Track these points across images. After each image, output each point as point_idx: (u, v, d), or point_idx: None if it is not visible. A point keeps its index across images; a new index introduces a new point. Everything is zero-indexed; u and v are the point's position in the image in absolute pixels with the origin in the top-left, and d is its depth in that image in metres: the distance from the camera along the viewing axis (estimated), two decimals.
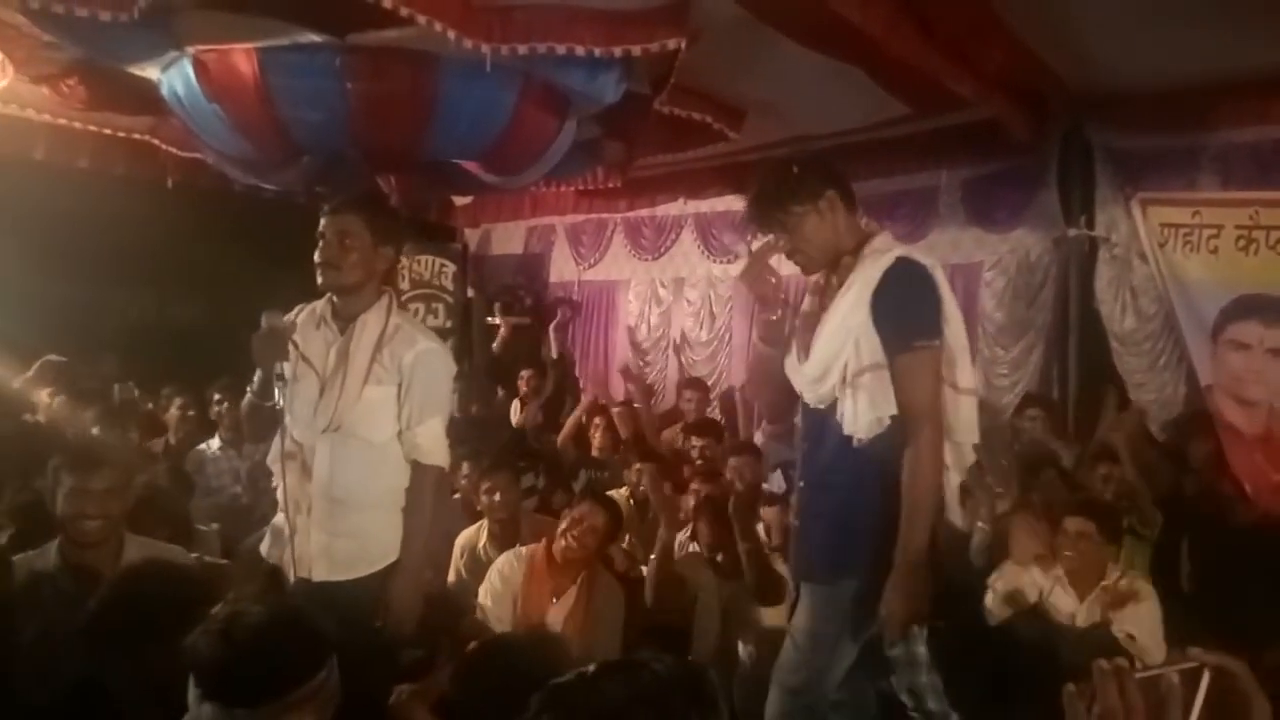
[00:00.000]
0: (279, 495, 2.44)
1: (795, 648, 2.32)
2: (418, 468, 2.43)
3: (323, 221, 2.42)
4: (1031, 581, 3.36)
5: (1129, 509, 3.82)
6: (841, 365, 2.21)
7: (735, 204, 6.52)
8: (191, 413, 4.93)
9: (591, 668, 1.09)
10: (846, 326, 2.20)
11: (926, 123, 5.11)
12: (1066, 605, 3.28)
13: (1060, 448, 4.51)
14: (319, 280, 2.40)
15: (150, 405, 5.30)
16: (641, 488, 4.28)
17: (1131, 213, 4.75)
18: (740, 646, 3.31)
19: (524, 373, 6.40)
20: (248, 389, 2.43)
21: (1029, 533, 3.40)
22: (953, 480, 2.29)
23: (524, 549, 3.31)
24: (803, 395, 2.35)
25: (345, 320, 2.43)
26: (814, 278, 2.39)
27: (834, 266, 2.31)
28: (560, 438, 5.42)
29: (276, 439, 2.44)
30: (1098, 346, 5.07)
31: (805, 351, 2.30)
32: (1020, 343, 5.31)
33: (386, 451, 2.41)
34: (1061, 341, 5.22)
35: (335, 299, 2.45)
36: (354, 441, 2.36)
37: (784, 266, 2.39)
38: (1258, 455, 4.21)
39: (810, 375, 2.30)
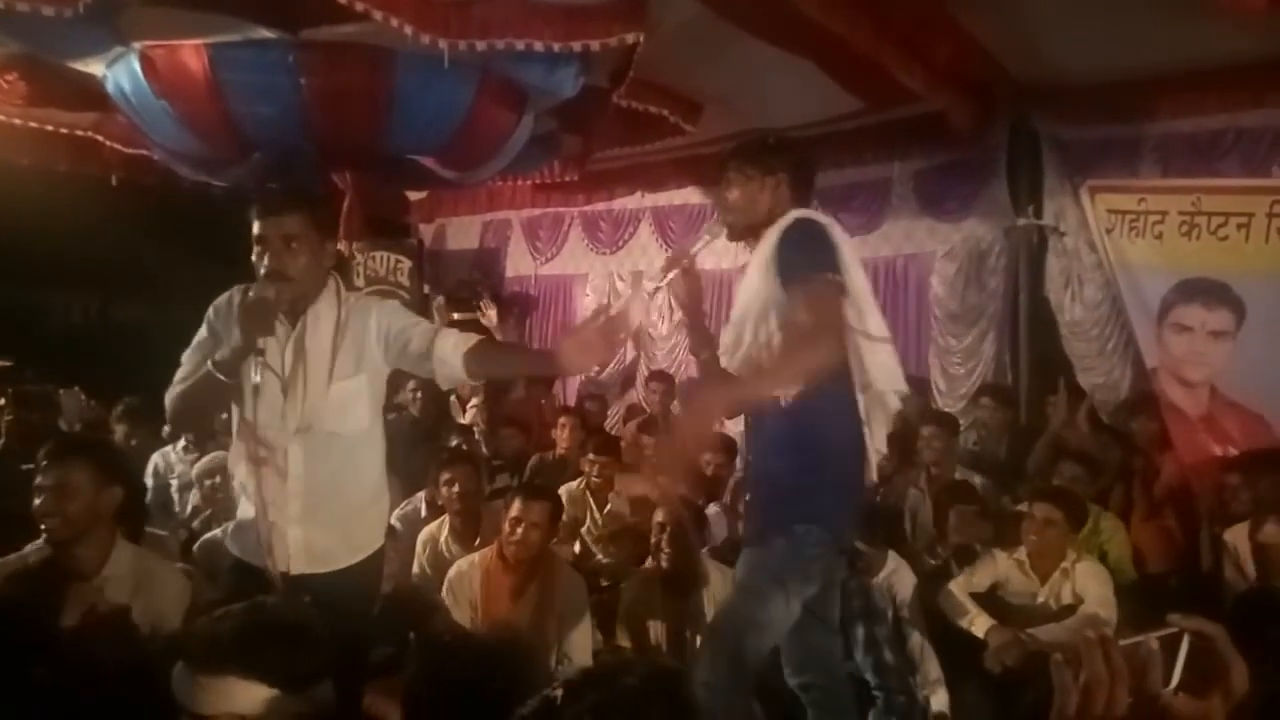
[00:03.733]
0: (247, 495, 2.37)
1: (730, 598, 2.42)
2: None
3: (258, 225, 2.22)
4: (991, 568, 3.46)
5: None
6: (753, 328, 2.31)
7: (693, 197, 6.57)
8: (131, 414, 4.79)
9: (557, 690, 1.02)
10: (754, 288, 2.32)
11: (878, 115, 5.19)
12: (1028, 587, 3.39)
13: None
14: (268, 292, 2.19)
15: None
16: (596, 478, 4.32)
17: (1079, 201, 4.88)
18: None
19: None
20: (206, 366, 2.27)
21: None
22: (877, 433, 2.36)
23: (476, 555, 3.28)
24: (727, 366, 2.42)
25: (296, 314, 2.28)
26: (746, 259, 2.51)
27: (755, 240, 2.41)
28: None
29: (236, 439, 2.37)
30: (1048, 333, 5.20)
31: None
32: (973, 330, 5.43)
33: (360, 442, 2.34)
34: (1013, 329, 5.35)
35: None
36: (327, 437, 2.28)
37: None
38: (1200, 435, 4.36)
39: (728, 341, 2.39)
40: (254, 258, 2.23)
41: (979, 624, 3.26)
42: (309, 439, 2.28)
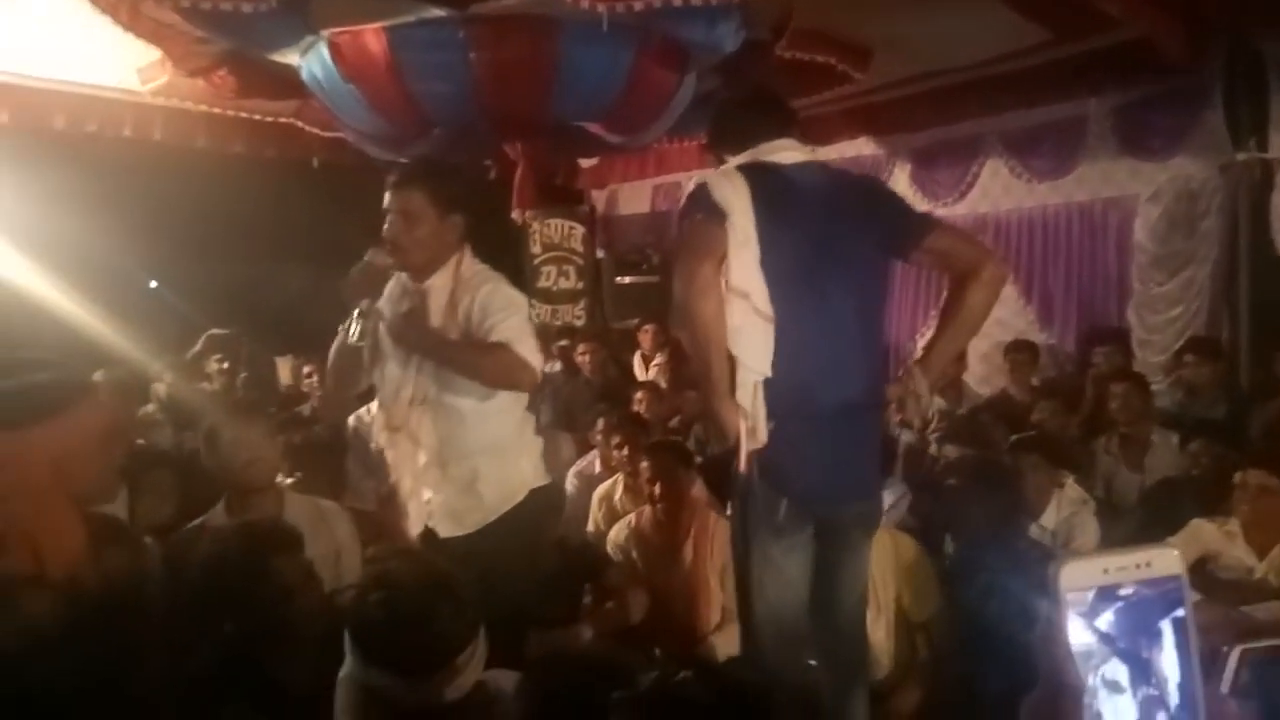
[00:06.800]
0: (389, 464, 2.48)
1: None
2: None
3: (386, 197, 2.33)
4: (1196, 539, 3.17)
5: None
6: None
7: (866, 148, 6.33)
8: (317, 378, 5.10)
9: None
10: None
11: (1070, 47, 4.77)
12: (1243, 561, 3.07)
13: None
14: (376, 259, 2.31)
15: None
16: None
17: None
18: None
19: (647, 327, 6.41)
20: (340, 329, 2.39)
21: None
22: (744, 401, 2.08)
23: (631, 517, 3.33)
24: None
25: (419, 285, 2.39)
26: None
27: None
28: None
29: (379, 410, 2.48)
30: (1273, 280, 4.65)
31: None
32: (1177, 278, 4.96)
33: (477, 408, 2.37)
34: (1230, 277, 4.83)
35: None
36: (445, 406, 2.35)
37: None
38: None
39: None
40: None
41: None
42: (431, 407, 2.36)
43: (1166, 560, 0.60)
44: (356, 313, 2.33)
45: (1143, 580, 0.59)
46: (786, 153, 2.20)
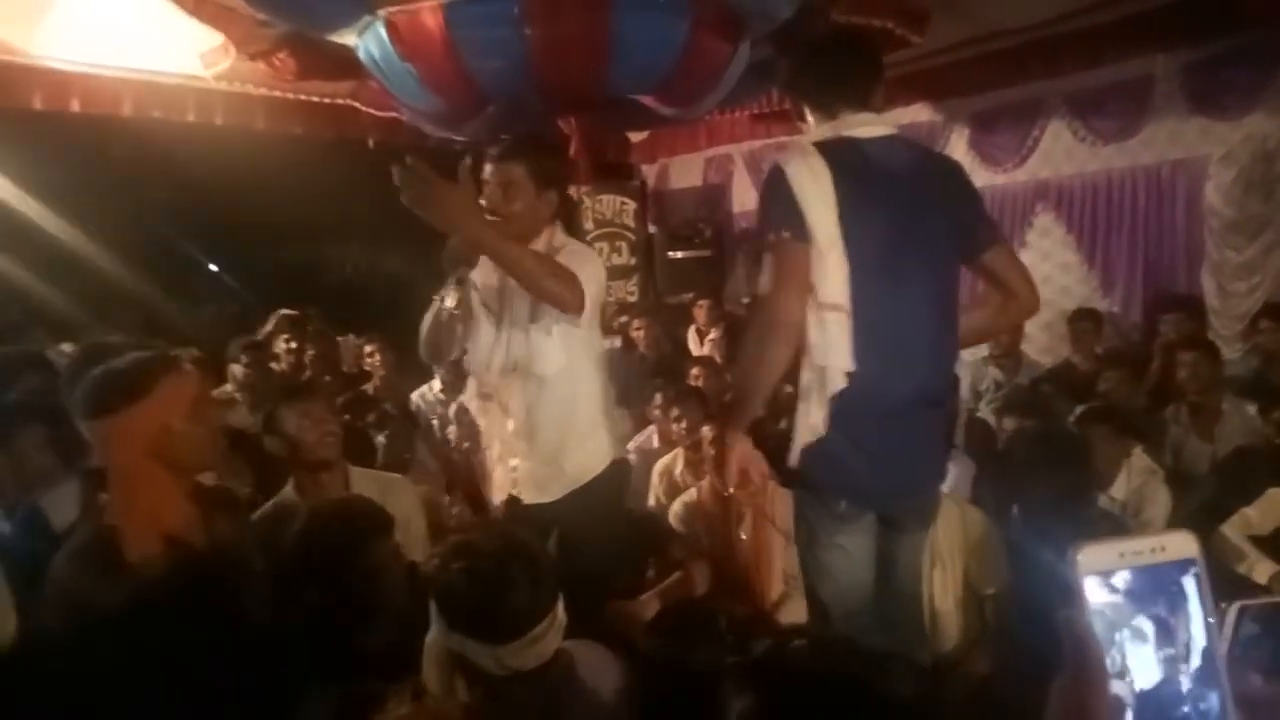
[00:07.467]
0: (479, 431, 2.58)
1: None
2: None
3: (486, 168, 2.40)
4: (1274, 507, 3.08)
5: None
6: None
7: (922, 114, 6.21)
8: (378, 357, 5.16)
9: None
10: None
11: (1137, 2, 4.60)
12: None
13: None
14: None
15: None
16: None
17: None
18: None
19: (702, 303, 6.42)
20: (434, 299, 2.44)
21: None
22: (812, 412, 2.05)
23: (693, 489, 3.34)
24: None
25: None
26: None
27: None
28: None
29: (471, 379, 2.55)
30: None
31: None
32: (1256, 243, 4.79)
33: (563, 381, 2.43)
34: None
35: None
36: (534, 377, 2.42)
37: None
38: None
39: None
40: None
41: (1260, 570, 2.92)
42: (520, 376, 2.43)
43: (1181, 544, 0.61)
44: (453, 281, 2.38)
45: (1158, 563, 0.60)
46: (868, 127, 2.10)
